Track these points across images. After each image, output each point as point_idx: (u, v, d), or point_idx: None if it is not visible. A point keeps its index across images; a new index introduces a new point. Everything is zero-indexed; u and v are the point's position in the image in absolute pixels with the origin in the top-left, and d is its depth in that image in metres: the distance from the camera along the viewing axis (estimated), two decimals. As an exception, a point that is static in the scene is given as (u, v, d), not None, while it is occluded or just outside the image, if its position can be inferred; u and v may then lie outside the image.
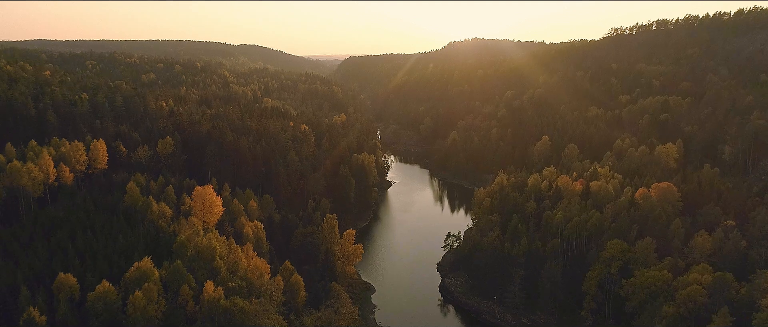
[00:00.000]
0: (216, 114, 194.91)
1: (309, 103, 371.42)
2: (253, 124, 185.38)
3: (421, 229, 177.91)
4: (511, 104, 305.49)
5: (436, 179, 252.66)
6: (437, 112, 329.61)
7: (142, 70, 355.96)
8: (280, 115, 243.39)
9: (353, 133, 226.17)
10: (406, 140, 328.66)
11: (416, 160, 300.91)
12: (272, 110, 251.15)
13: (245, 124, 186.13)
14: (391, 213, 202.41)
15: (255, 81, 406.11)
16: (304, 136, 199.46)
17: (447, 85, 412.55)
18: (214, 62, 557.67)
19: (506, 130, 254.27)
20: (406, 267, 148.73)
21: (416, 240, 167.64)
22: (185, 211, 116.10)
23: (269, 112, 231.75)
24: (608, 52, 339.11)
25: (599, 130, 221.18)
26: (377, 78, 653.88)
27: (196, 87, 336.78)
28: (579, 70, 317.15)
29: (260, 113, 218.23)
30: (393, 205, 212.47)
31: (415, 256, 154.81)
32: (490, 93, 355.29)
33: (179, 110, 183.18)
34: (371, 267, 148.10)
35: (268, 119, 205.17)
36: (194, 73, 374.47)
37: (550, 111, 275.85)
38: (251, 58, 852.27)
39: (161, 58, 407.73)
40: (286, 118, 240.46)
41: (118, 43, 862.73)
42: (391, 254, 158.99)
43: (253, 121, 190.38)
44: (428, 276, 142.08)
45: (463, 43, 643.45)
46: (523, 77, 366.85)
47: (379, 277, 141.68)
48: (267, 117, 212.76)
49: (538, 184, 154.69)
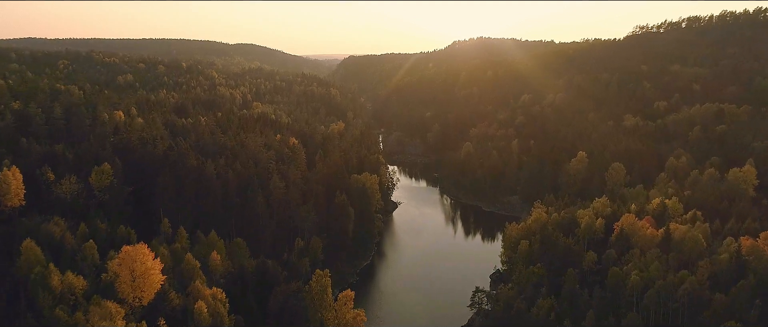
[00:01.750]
0: (181, 127, 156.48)
1: (304, 107, 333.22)
2: (228, 140, 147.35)
3: (437, 271, 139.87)
4: (530, 110, 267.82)
5: (447, 198, 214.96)
6: (445, 118, 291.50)
7: (120, 70, 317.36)
8: (267, 124, 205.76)
9: (353, 147, 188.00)
10: (411, 149, 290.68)
11: (423, 173, 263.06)
12: (258, 119, 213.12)
13: (218, 140, 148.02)
14: (398, 246, 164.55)
15: (246, 82, 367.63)
16: (293, 153, 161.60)
17: (453, 88, 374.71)
18: (205, 62, 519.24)
19: (528, 141, 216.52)
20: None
21: (433, 288, 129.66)
22: (106, 282, 78.33)
23: (253, 122, 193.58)
24: (633, 53, 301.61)
25: (642, 144, 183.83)
26: (378, 78, 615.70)
27: (178, 89, 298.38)
28: (603, 72, 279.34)
29: (240, 124, 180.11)
30: (400, 234, 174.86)
31: (432, 315, 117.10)
32: (502, 97, 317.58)
33: (129, 125, 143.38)
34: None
35: (249, 132, 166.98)
36: (179, 73, 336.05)
37: (577, 119, 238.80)
38: (248, 58, 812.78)
39: (144, 58, 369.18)
40: (274, 128, 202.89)
41: (111, 41, 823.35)
42: (401, 310, 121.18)
43: (228, 136, 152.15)
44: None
45: (468, 42, 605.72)
46: (537, 79, 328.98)
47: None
48: (248, 129, 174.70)
49: (592, 224, 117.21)
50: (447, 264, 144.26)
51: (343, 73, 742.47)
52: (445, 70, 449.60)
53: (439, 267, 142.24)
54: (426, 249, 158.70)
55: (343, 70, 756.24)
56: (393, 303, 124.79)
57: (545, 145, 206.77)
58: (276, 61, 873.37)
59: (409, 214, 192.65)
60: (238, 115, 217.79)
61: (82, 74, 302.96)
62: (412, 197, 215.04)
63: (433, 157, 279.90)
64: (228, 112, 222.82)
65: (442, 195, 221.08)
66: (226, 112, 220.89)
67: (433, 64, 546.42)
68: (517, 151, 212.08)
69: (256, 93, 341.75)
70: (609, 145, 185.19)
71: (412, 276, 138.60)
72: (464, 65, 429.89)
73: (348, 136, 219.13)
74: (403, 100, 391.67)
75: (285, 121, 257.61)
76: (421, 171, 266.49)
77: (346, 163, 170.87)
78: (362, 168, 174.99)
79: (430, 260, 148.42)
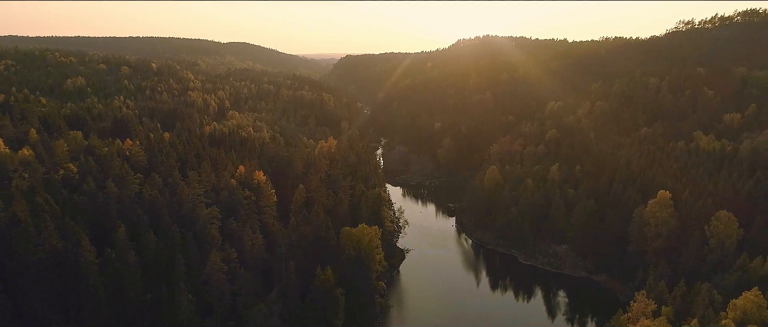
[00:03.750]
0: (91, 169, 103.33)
1: (291, 115, 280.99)
2: (147, 191, 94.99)
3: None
4: (562, 122, 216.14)
5: (467, 240, 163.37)
6: (458, 130, 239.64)
7: (74, 72, 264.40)
8: (235, 145, 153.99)
9: (344, 182, 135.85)
10: (418, 167, 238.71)
11: (434, 197, 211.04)
12: (224, 138, 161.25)
13: (130, 186, 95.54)
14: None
15: (227, 86, 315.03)
16: (258, 195, 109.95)
17: (463, 92, 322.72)
18: (187, 62, 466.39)
19: (571, 166, 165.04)
20: None
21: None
22: None
23: (217, 142, 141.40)
24: (680, 53, 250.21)
25: (739, 179, 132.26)
26: (377, 79, 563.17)
27: (139, 95, 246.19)
28: (651, 76, 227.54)
29: (189, 149, 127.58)
30: (412, 304, 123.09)
31: None
32: (523, 104, 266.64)
33: None
34: None
35: (204, 161, 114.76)
36: (146, 76, 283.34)
37: (625, 135, 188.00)
38: (239, 57, 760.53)
39: (108, 57, 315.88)
40: (243, 151, 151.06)
41: (95, 39, 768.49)
42: None
43: (150, 188, 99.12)
44: None
45: (473, 40, 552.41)
46: (563, 84, 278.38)
47: None
48: (204, 155, 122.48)
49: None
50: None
51: (339, 74, 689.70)
52: (450, 72, 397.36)
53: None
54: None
55: (340, 71, 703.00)
56: None
57: (594, 171, 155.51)
58: (270, 60, 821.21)
59: (423, 268, 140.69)
60: (198, 134, 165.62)
61: (25, 77, 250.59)
62: (422, 236, 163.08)
63: (446, 177, 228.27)
64: (185, 128, 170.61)
65: (461, 234, 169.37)
66: (184, 129, 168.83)
67: (433, 64, 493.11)
68: (558, 180, 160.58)
69: (236, 99, 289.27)
70: (693, 179, 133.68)
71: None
72: (473, 66, 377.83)
73: (341, 157, 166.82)
74: (405, 106, 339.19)
75: (264, 135, 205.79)
76: (431, 195, 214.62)
77: (335, 207, 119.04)
78: (358, 213, 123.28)
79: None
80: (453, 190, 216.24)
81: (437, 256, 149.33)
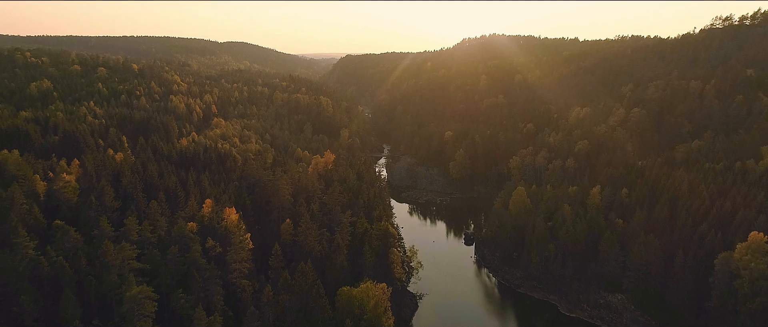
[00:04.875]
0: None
1: (285, 121, 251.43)
2: (51, 255, 65.45)
3: None
4: (592, 132, 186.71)
5: (493, 280, 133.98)
6: (471, 139, 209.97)
7: (44, 74, 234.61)
8: (212, 163, 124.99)
9: (343, 216, 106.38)
10: (426, 181, 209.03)
11: (446, 217, 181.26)
12: (200, 155, 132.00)
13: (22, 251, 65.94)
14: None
15: (217, 88, 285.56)
16: (227, 243, 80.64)
17: (472, 95, 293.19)
18: (176, 62, 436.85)
19: (617, 189, 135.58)
20: None
21: None
22: None
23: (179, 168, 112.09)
24: (721, 53, 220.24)
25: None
26: (378, 80, 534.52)
27: (113, 100, 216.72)
28: (691, 78, 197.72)
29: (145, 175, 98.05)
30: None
31: None
32: (540, 109, 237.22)
33: None
34: None
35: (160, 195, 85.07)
36: (125, 78, 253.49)
37: (669, 146, 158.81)
38: (236, 57, 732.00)
39: (85, 58, 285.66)
40: (219, 172, 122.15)
41: (88, 39, 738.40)
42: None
43: (57, 251, 69.35)
44: None
45: (479, 39, 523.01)
46: (585, 87, 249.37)
47: None
48: (166, 182, 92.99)
49: None
50: None
51: (338, 74, 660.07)
52: (456, 73, 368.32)
53: None
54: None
55: (339, 71, 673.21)
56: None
57: (646, 196, 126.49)
58: (268, 60, 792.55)
59: (441, 322, 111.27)
60: (166, 151, 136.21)
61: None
62: (436, 270, 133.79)
63: (459, 193, 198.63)
64: (156, 142, 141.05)
65: (481, 268, 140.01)
66: (152, 143, 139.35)
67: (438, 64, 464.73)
68: (601, 206, 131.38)
69: (225, 103, 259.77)
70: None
71: None
72: (482, 67, 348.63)
73: (337, 180, 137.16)
74: (410, 110, 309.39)
75: (251, 148, 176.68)
76: (442, 214, 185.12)
77: (330, 256, 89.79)
78: (359, 261, 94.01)
79: None
80: (468, 209, 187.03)
81: (457, 304, 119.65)
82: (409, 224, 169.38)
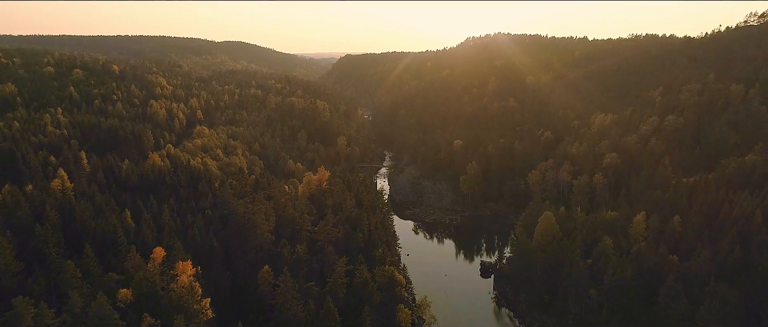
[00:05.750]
0: None
1: (278, 128, 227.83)
2: None
3: None
4: (623, 144, 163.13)
5: (516, 322, 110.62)
6: (484, 150, 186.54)
7: (9, 76, 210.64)
8: (180, 185, 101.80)
9: (338, 265, 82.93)
10: (433, 197, 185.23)
11: (458, 240, 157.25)
12: (166, 176, 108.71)
13: None
14: None
15: (206, 91, 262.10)
16: (175, 308, 57.20)
17: (480, 98, 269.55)
18: (167, 62, 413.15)
19: (666, 218, 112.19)
20: None
21: None
22: None
23: (136, 194, 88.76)
24: (760, 52, 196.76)
25: None
26: (378, 80, 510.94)
27: (85, 106, 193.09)
28: (732, 81, 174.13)
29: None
30: None
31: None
32: (557, 115, 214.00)
33: None
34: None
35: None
36: (103, 81, 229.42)
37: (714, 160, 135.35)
38: (233, 57, 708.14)
39: (61, 59, 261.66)
40: (188, 200, 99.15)
41: (79, 38, 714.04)
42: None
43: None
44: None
45: (484, 38, 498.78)
46: (602, 89, 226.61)
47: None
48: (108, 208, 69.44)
49: None
50: None
51: (338, 74, 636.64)
52: (461, 74, 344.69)
53: None
54: None
55: (339, 71, 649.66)
56: None
57: (704, 226, 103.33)
58: (266, 60, 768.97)
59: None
60: (126, 171, 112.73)
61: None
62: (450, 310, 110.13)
63: (469, 210, 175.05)
64: (111, 161, 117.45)
65: (501, 308, 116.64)
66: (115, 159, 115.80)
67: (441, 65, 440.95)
68: (649, 238, 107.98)
69: (212, 108, 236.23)
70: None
71: None
72: (489, 67, 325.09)
73: (330, 205, 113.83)
74: (414, 114, 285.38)
75: (236, 163, 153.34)
76: (452, 235, 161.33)
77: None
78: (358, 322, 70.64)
79: None
80: (482, 230, 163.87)
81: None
82: (415, 249, 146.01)
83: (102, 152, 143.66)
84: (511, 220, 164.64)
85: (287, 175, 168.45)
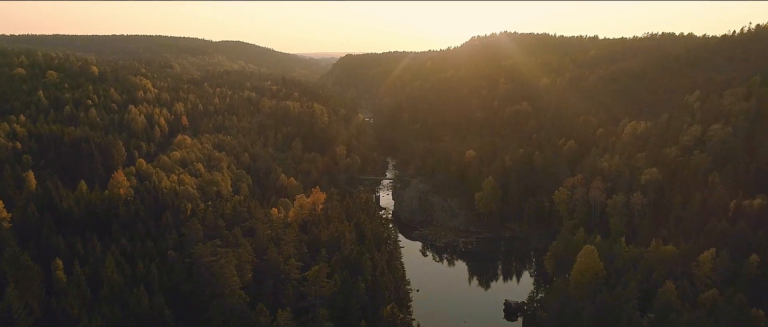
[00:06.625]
0: None
1: (271, 135, 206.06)
2: None
3: None
4: (664, 156, 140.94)
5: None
6: (501, 162, 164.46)
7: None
8: (145, 216, 79.60)
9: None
10: (444, 215, 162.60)
11: (474, 268, 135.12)
12: (125, 206, 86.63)
13: None
14: None
15: (194, 95, 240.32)
16: None
17: (491, 101, 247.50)
18: (158, 63, 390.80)
19: (736, 248, 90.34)
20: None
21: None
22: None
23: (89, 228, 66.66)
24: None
25: None
26: (379, 80, 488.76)
27: (54, 112, 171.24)
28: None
29: None
30: None
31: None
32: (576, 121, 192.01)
33: None
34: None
35: None
36: (78, 84, 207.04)
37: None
38: (231, 57, 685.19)
39: (38, 59, 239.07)
40: (152, 231, 76.62)
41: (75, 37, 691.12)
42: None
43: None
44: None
45: (489, 37, 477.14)
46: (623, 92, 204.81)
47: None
48: None
49: None
50: None
51: (338, 74, 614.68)
52: (468, 74, 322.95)
53: None
54: None
55: (339, 71, 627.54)
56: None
57: None
58: (265, 60, 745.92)
59: None
60: (83, 199, 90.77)
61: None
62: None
63: (486, 232, 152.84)
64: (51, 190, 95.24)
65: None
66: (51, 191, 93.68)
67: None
68: (716, 278, 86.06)
69: (199, 114, 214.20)
70: None
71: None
72: (497, 68, 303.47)
73: (325, 238, 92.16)
74: (419, 117, 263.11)
75: (217, 180, 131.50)
76: (465, 260, 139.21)
77: None
78: None
79: None
80: (502, 256, 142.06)
81: None
82: (426, 282, 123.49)
83: (61, 169, 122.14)
84: (535, 245, 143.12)
85: (279, 191, 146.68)
